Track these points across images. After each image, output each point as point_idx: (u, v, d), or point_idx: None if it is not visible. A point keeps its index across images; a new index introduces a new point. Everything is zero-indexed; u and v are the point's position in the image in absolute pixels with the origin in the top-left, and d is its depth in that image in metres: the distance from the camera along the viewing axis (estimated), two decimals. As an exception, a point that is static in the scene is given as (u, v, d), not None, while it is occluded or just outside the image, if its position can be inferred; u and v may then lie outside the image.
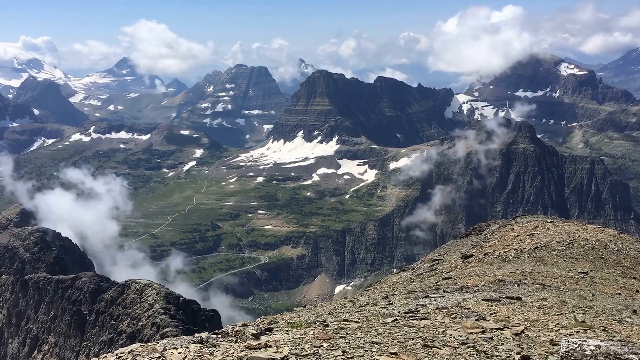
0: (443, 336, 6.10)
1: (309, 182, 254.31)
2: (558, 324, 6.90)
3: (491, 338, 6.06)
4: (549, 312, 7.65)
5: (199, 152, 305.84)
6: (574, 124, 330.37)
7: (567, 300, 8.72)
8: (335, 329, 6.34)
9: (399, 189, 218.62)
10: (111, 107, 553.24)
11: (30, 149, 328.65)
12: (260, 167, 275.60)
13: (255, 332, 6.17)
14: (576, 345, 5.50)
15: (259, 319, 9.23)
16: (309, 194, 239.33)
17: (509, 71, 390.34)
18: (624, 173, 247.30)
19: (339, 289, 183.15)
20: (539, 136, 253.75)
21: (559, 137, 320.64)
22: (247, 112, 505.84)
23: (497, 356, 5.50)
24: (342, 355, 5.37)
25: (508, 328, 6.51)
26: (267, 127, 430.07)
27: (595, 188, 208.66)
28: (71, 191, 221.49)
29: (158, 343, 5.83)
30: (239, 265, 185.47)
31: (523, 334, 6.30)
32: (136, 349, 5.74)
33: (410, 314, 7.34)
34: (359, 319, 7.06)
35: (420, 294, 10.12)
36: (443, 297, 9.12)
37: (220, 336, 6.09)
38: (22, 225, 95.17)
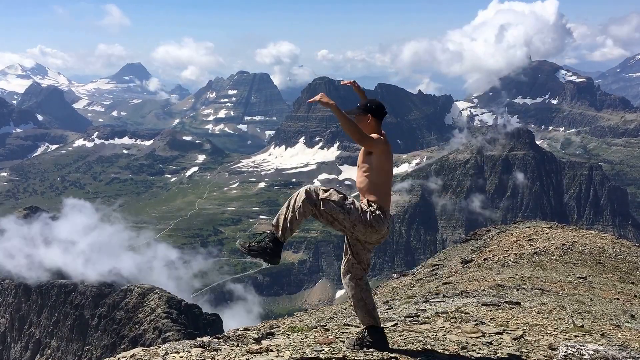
0: (443, 340, 6.15)
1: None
2: (557, 328, 6.94)
3: (490, 342, 6.11)
4: (548, 317, 7.69)
5: (201, 158, 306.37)
6: (572, 130, 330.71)
7: (565, 305, 8.76)
8: (336, 333, 6.40)
9: (399, 195, 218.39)
10: (114, 113, 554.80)
11: (34, 155, 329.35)
12: (262, 173, 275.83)
13: (256, 336, 6.23)
14: (575, 350, 5.55)
15: (260, 323, 9.28)
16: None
17: (508, 78, 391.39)
18: (622, 179, 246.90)
19: (339, 293, 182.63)
20: (537, 142, 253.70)
21: (557, 143, 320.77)
22: (249, 118, 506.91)
23: (496, 360, 5.55)
24: (343, 359, 5.42)
25: (507, 332, 6.55)
26: (269, 133, 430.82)
27: (594, 194, 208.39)
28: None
29: (160, 347, 5.88)
30: (240, 270, 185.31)
31: (522, 339, 6.35)
32: (138, 353, 5.80)
33: (410, 319, 7.39)
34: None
35: (420, 298, 10.16)
36: (443, 301, 9.16)
37: (221, 340, 6.14)
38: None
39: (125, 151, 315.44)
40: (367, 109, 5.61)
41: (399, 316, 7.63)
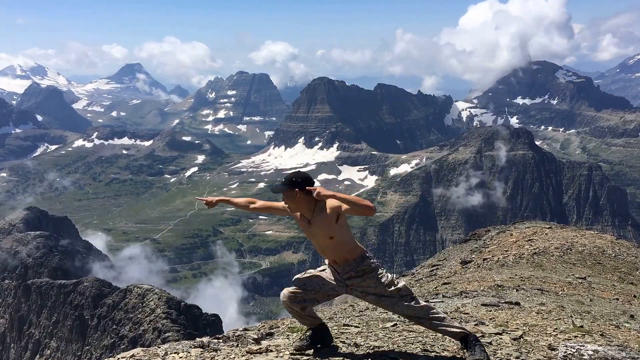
0: (442, 341, 6.15)
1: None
2: (556, 328, 6.94)
3: (490, 343, 6.11)
4: (547, 317, 7.70)
5: (200, 158, 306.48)
6: (572, 130, 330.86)
7: (565, 305, 8.76)
8: (336, 333, 6.39)
9: (399, 195, 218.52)
10: (114, 114, 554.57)
11: (34, 155, 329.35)
12: (262, 173, 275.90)
13: (256, 336, 6.23)
14: (574, 350, 5.55)
15: (259, 323, 9.27)
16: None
17: (507, 78, 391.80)
18: (622, 179, 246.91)
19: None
20: (537, 143, 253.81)
21: (557, 143, 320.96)
22: (248, 118, 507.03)
23: (495, 361, 5.55)
24: (342, 359, 5.43)
25: (507, 333, 6.56)
26: (268, 133, 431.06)
27: (593, 194, 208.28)
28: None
29: (159, 347, 5.89)
30: (240, 271, 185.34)
31: (521, 339, 6.35)
32: (138, 354, 5.80)
33: (409, 319, 7.39)
34: (359, 323, 7.12)
35: (419, 299, 10.15)
36: (442, 302, 9.17)
37: (221, 341, 6.15)
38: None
39: (124, 151, 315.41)
40: (293, 184, 5.19)
41: (399, 316, 7.63)
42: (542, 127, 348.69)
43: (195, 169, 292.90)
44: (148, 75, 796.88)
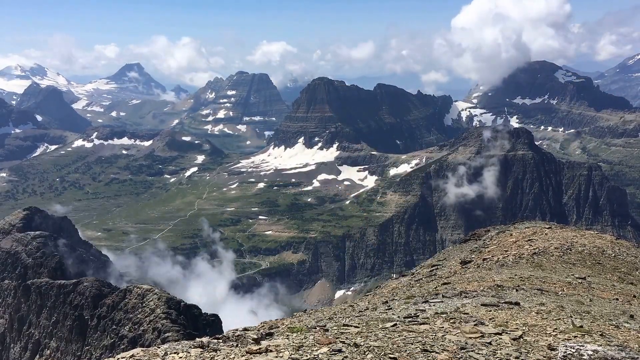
0: (442, 341, 6.15)
1: (309, 188, 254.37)
2: (556, 329, 6.95)
3: (490, 343, 6.12)
4: (547, 317, 7.70)
5: (200, 158, 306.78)
6: (572, 130, 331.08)
7: (565, 306, 8.77)
8: (335, 333, 6.39)
9: (399, 195, 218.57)
10: (114, 114, 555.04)
11: (33, 155, 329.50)
12: (261, 173, 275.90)
13: (256, 336, 6.22)
14: (574, 350, 5.55)
15: (259, 323, 9.27)
16: (309, 199, 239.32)
17: (507, 78, 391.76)
18: (621, 179, 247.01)
19: (339, 294, 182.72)
20: (537, 143, 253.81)
21: (557, 143, 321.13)
22: (248, 118, 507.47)
23: (495, 361, 5.54)
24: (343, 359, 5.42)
25: (506, 333, 6.56)
26: (268, 133, 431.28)
27: (593, 194, 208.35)
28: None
29: (159, 348, 5.89)
30: (240, 271, 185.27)
31: (521, 339, 6.35)
32: (137, 354, 5.80)
33: (409, 319, 7.40)
34: (358, 323, 7.12)
35: (419, 299, 10.17)
36: (442, 302, 9.18)
37: (221, 341, 6.14)
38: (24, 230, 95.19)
39: (124, 152, 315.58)
40: None
41: (399, 316, 7.64)
42: (542, 127, 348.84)
43: (195, 169, 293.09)
44: (147, 75, 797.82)
